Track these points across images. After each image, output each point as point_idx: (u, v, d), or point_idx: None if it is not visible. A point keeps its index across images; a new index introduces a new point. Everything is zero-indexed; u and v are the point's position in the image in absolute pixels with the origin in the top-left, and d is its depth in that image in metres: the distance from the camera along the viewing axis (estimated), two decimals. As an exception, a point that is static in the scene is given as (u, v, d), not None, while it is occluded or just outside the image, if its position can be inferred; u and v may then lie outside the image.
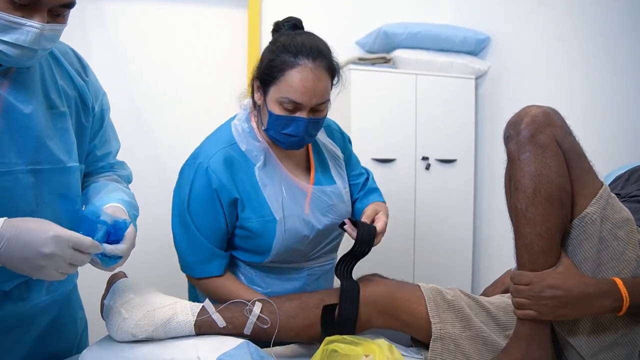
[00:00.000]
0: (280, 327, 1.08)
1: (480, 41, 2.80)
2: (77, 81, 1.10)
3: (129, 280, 1.12)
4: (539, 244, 0.97)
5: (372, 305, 1.12)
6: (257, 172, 1.26)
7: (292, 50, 1.17)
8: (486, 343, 1.10)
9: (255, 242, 1.27)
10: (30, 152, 0.98)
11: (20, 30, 0.85)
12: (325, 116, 1.26)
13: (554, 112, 1.02)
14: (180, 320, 1.05)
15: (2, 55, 0.87)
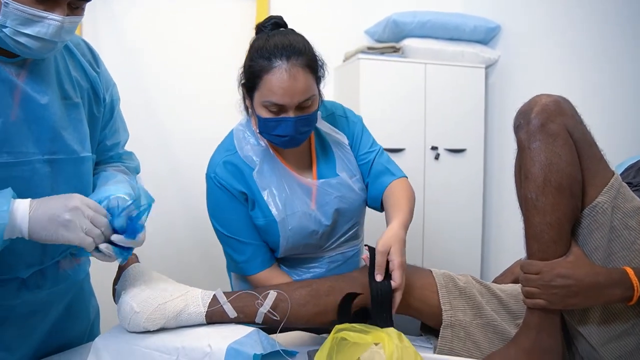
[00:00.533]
0: (290, 314, 1.09)
1: (491, 30, 2.78)
2: (90, 72, 1.12)
3: (140, 267, 1.14)
4: (549, 233, 0.97)
5: None
6: (255, 177, 1.29)
7: (265, 54, 1.18)
8: (496, 331, 1.10)
9: (267, 239, 1.32)
10: (46, 142, 0.99)
11: (42, 23, 0.87)
12: (316, 111, 1.25)
13: (564, 101, 1.01)
14: (192, 312, 1.05)
15: (23, 47, 0.89)
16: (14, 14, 0.85)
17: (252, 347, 0.96)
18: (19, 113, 0.95)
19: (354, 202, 1.36)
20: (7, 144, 0.93)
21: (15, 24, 0.86)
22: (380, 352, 0.88)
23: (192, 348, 0.97)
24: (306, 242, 1.31)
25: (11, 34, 0.87)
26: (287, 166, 1.32)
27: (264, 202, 1.28)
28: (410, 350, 0.84)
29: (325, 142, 1.39)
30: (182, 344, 0.98)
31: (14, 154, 0.94)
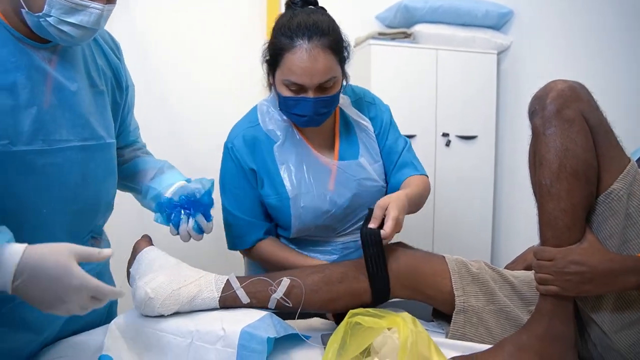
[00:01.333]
0: (303, 301, 1.10)
1: (503, 15, 2.75)
2: (113, 60, 1.14)
3: (154, 250, 1.14)
4: (563, 219, 0.96)
5: (396, 278, 1.13)
6: (275, 151, 1.31)
7: (287, 32, 1.18)
8: (509, 318, 1.10)
9: (278, 219, 1.34)
10: (79, 129, 1.01)
11: (85, 11, 0.90)
12: (338, 93, 1.25)
13: (580, 86, 1.00)
14: (205, 297, 1.06)
15: (65, 36, 0.91)
16: (59, 4, 0.87)
17: (265, 331, 0.96)
18: (52, 100, 0.96)
19: (373, 187, 1.36)
20: (42, 131, 0.95)
21: (59, 13, 0.88)
22: (393, 337, 0.89)
23: (206, 331, 0.98)
24: (318, 223, 1.32)
25: (55, 23, 0.89)
26: (309, 144, 1.34)
27: (279, 178, 1.30)
28: (424, 335, 0.85)
29: (350, 125, 1.40)
30: (197, 327, 0.99)
31: (49, 142, 0.96)
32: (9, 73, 0.90)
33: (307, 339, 1.03)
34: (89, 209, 1.10)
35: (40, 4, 0.87)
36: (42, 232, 0.95)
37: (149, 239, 1.19)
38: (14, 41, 0.91)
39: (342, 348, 0.85)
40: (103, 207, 1.14)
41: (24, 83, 0.92)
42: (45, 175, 0.95)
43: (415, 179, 1.35)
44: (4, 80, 0.90)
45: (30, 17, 0.89)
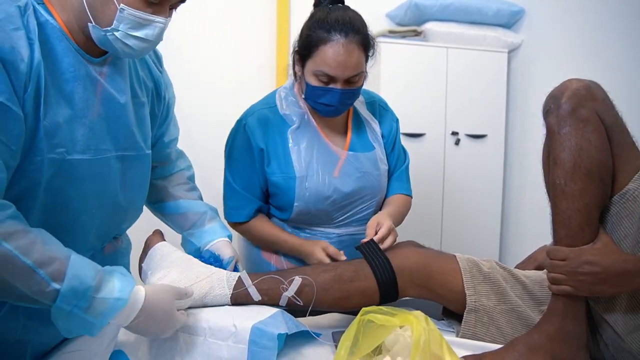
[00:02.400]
0: (314, 299, 1.10)
1: (514, 13, 2.73)
2: (155, 72, 1.17)
3: (165, 246, 1.15)
4: (577, 219, 0.96)
5: (408, 276, 1.13)
6: (289, 133, 1.37)
7: (325, 26, 1.25)
8: (520, 317, 1.10)
9: (280, 198, 1.39)
10: (122, 140, 1.04)
11: (150, 26, 0.92)
12: (361, 86, 1.34)
13: (596, 86, 0.99)
14: (217, 294, 1.07)
15: (128, 49, 0.93)
16: (127, 19, 0.89)
17: (276, 327, 0.97)
18: (101, 111, 0.98)
19: (375, 183, 1.42)
20: (92, 141, 0.97)
21: (127, 28, 0.90)
22: (404, 335, 0.89)
23: (218, 328, 0.98)
24: (319, 207, 1.37)
25: (122, 37, 0.91)
26: (322, 133, 1.40)
27: (289, 158, 1.36)
28: (437, 334, 0.84)
29: (361, 122, 1.47)
30: (209, 324, 0.99)
31: (97, 151, 0.98)
32: (68, 83, 0.92)
33: (318, 336, 1.03)
34: (121, 215, 1.13)
35: (109, 19, 0.89)
36: (76, 235, 0.98)
37: (161, 234, 1.20)
38: (74, 52, 0.93)
39: (354, 346, 0.85)
40: (134, 213, 1.17)
41: (80, 93, 0.94)
42: (90, 183, 0.97)
43: (400, 199, 1.45)
44: (65, 90, 0.92)
45: (96, 31, 0.91)
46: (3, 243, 0.75)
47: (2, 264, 0.75)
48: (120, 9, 0.88)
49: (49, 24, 0.89)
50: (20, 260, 0.76)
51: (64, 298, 0.79)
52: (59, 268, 0.79)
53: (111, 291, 0.83)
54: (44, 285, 0.77)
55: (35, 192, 0.90)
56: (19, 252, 0.76)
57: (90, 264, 0.85)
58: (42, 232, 0.83)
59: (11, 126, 0.81)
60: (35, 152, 0.87)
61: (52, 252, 0.80)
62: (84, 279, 0.80)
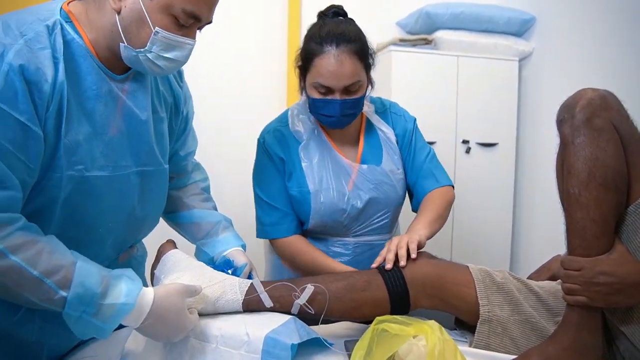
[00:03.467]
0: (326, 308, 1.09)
1: (525, 22, 2.73)
2: (175, 88, 1.18)
3: (178, 253, 1.15)
4: (592, 229, 0.95)
5: (421, 287, 1.12)
6: (300, 150, 1.39)
7: (317, 39, 1.29)
8: (535, 328, 1.09)
9: (299, 212, 1.41)
10: (142, 155, 1.06)
11: (180, 47, 0.96)
12: (363, 96, 1.35)
13: (610, 95, 0.99)
14: (229, 299, 1.07)
15: (157, 69, 0.96)
16: (160, 41, 0.93)
17: (289, 336, 0.96)
18: (122, 127, 1.00)
19: (390, 193, 1.41)
20: (111, 157, 0.99)
21: (159, 49, 0.94)
22: (418, 345, 0.88)
23: (230, 336, 0.98)
24: (334, 219, 1.38)
25: (153, 58, 0.94)
26: (334, 146, 1.42)
27: (302, 174, 1.38)
28: (451, 344, 0.84)
29: (374, 132, 1.47)
30: (221, 331, 0.99)
31: (115, 168, 1.00)
32: (90, 100, 0.94)
33: (331, 345, 1.03)
34: (138, 227, 1.15)
35: (143, 41, 0.93)
36: (92, 247, 1.00)
37: (174, 243, 1.20)
38: (97, 70, 0.95)
39: (367, 355, 0.85)
40: (150, 224, 1.19)
41: (101, 111, 0.96)
42: (108, 198, 0.99)
43: (434, 196, 1.39)
44: (86, 107, 0.94)
45: (128, 51, 0.94)
46: (11, 256, 0.78)
47: (12, 275, 0.79)
48: (155, 31, 0.92)
49: (75, 42, 0.92)
50: (27, 271, 0.79)
51: (71, 305, 0.81)
52: (65, 276, 0.82)
53: (118, 296, 0.86)
54: (52, 294, 0.81)
55: (53, 207, 0.92)
56: (26, 264, 0.79)
57: (96, 270, 0.86)
58: (51, 240, 0.85)
59: (31, 145, 0.84)
60: (54, 169, 0.90)
61: (59, 261, 0.83)
62: (89, 286, 0.83)
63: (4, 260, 0.78)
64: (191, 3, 0.92)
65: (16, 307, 0.96)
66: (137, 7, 0.91)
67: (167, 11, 0.91)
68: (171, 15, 0.92)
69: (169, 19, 0.92)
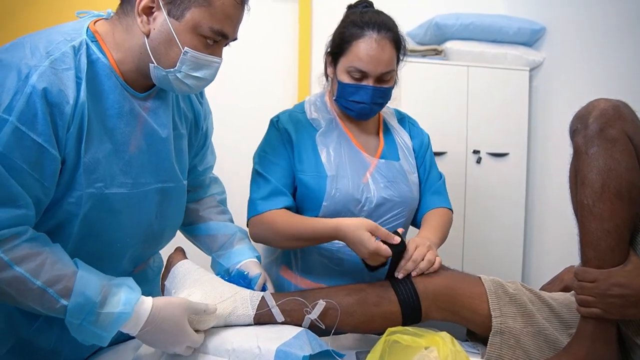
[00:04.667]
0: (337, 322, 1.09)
1: (536, 32, 2.72)
2: (196, 105, 1.20)
3: (187, 264, 1.15)
4: (607, 240, 0.94)
5: (432, 299, 1.11)
6: (317, 137, 1.38)
7: (359, 24, 1.30)
8: (548, 340, 1.08)
9: (308, 198, 1.36)
10: (162, 172, 1.07)
11: (209, 66, 0.98)
12: (392, 87, 1.36)
13: (624, 105, 0.98)
14: (240, 314, 1.06)
15: (185, 87, 0.98)
16: (189, 60, 0.95)
17: (300, 349, 0.96)
18: (142, 145, 1.02)
19: (405, 193, 1.39)
20: (131, 174, 1.00)
21: (188, 69, 0.96)
22: (430, 356, 0.88)
23: (243, 350, 0.97)
24: (347, 209, 1.34)
25: (182, 77, 0.97)
26: (352, 139, 1.41)
27: (318, 159, 1.36)
28: (463, 355, 0.83)
29: (391, 133, 1.48)
30: (232, 346, 0.99)
31: (134, 185, 1.01)
32: (111, 118, 0.96)
33: (342, 357, 1.02)
34: (156, 241, 1.16)
35: (173, 61, 0.95)
36: (109, 262, 1.02)
37: (183, 251, 1.21)
38: (120, 88, 0.98)
39: (379, 367, 0.85)
40: (168, 237, 1.20)
41: (122, 129, 0.98)
42: (127, 214, 1.01)
43: (440, 212, 1.42)
44: (108, 125, 0.96)
45: (158, 71, 0.97)
46: (16, 267, 0.82)
47: (17, 286, 0.82)
48: (185, 51, 0.94)
49: (100, 62, 0.94)
50: (31, 281, 0.82)
51: (72, 313, 0.84)
52: (66, 285, 0.85)
53: (115, 305, 0.87)
54: (54, 303, 0.84)
55: (72, 223, 0.94)
56: (30, 275, 0.82)
57: (97, 280, 0.88)
58: (55, 250, 0.88)
59: (46, 165, 0.86)
60: (74, 187, 0.92)
61: (61, 271, 0.85)
62: (89, 295, 0.85)
63: (9, 271, 0.81)
64: (218, 22, 0.94)
65: (35, 316, 0.98)
66: (166, 29, 0.93)
67: (195, 31, 0.94)
68: (199, 35, 0.94)
69: (197, 39, 0.94)
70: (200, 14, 0.92)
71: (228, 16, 0.95)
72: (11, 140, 0.81)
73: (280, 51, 2.74)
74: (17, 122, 0.81)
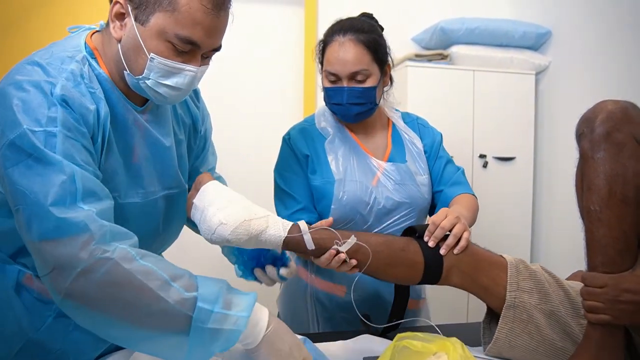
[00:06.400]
0: (363, 260, 1.07)
1: (541, 35, 2.72)
2: (192, 109, 1.20)
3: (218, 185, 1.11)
4: (615, 246, 0.93)
5: (455, 261, 1.09)
6: (326, 145, 1.43)
7: (331, 31, 1.37)
8: (559, 322, 1.06)
9: (319, 205, 1.41)
10: (167, 179, 1.08)
11: (180, 74, 0.95)
12: (372, 88, 1.35)
13: (633, 107, 0.96)
14: (272, 234, 1.03)
15: (160, 96, 0.97)
16: (157, 67, 0.92)
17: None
18: (147, 154, 1.03)
19: (414, 194, 1.41)
20: (140, 184, 1.01)
21: (157, 76, 0.93)
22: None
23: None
24: (356, 211, 1.37)
25: (152, 85, 0.94)
26: (360, 144, 1.44)
27: (327, 166, 1.40)
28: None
29: (399, 137, 1.49)
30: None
31: (146, 194, 1.03)
32: (119, 131, 0.97)
33: None
34: (160, 246, 1.17)
35: (141, 68, 0.93)
36: None
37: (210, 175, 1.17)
38: (123, 101, 0.98)
39: (388, 372, 0.85)
40: (170, 240, 1.21)
41: (129, 140, 0.99)
42: (137, 222, 1.01)
43: (466, 197, 1.42)
44: (117, 138, 0.97)
45: (131, 79, 0.95)
46: (140, 260, 0.82)
47: (139, 282, 0.80)
48: (150, 58, 0.91)
49: (102, 76, 0.95)
50: (156, 273, 0.82)
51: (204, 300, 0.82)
52: (189, 281, 0.84)
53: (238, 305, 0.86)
54: (181, 295, 0.82)
55: None
56: (157, 267, 0.82)
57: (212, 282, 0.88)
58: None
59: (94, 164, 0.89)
60: None
61: (177, 269, 0.86)
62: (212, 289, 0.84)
63: (134, 264, 0.81)
64: (185, 28, 0.90)
65: (43, 317, 0.98)
66: (133, 34, 0.91)
67: (161, 37, 0.90)
68: (167, 41, 0.91)
69: (164, 45, 0.91)
70: (165, 19, 0.89)
71: (196, 22, 0.90)
72: (68, 147, 0.82)
73: (287, 56, 2.75)
74: (64, 130, 0.83)
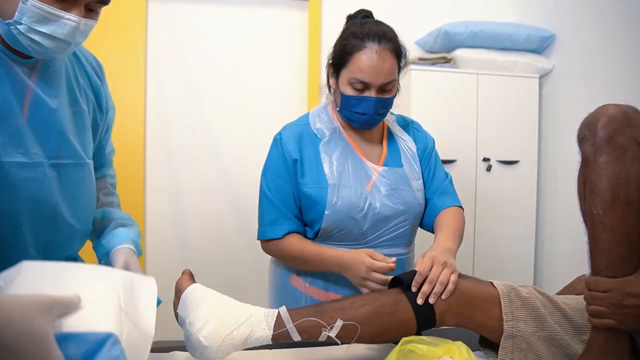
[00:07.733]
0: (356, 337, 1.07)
1: (545, 39, 2.72)
2: (94, 80, 1.13)
3: (198, 289, 1.10)
4: (619, 250, 0.93)
5: (446, 305, 1.11)
6: (321, 146, 1.39)
7: (359, 35, 1.30)
8: (560, 345, 1.06)
9: (311, 210, 1.37)
10: (53, 146, 1.00)
11: (58, 22, 0.87)
12: (394, 96, 1.37)
13: (634, 111, 0.96)
14: (258, 337, 1.04)
15: (36, 45, 0.89)
16: (31, 11, 0.85)
17: None
18: (30, 115, 0.96)
19: (409, 199, 1.40)
20: (21, 144, 0.94)
21: (30, 22, 0.86)
22: (442, 366, 0.88)
23: None
24: (350, 217, 1.34)
25: (25, 31, 0.86)
26: (356, 148, 1.42)
27: (320, 169, 1.37)
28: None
29: (394, 140, 1.48)
30: None
31: (28, 155, 0.95)
32: None
33: None
34: (67, 232, 1.08)
35: (11, 11, 0.85)
36: (14, 250, 0.95)
37: (191, 274, 1.14)
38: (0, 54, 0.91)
39: (392, 376, 0.84)
40: (81, 230, 1.12)
41: (4, 95, 0.91)
42: (25, 189, 0.94)
43: (453, 212, 1.41)
44: None
45: (1, 26, 0.88)
46: None
47: None
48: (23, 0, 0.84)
49: None
50: None
51: None
52: None
53: None
54: None
55: None
56: None
57: None
58: None
59: None
60: None
61: None
62: None
63: None
64: None
65: None
66: None
67: None
68: None
69: None
70: None
71: None
72: None
73: (291, 57, 2.76)
74: None
